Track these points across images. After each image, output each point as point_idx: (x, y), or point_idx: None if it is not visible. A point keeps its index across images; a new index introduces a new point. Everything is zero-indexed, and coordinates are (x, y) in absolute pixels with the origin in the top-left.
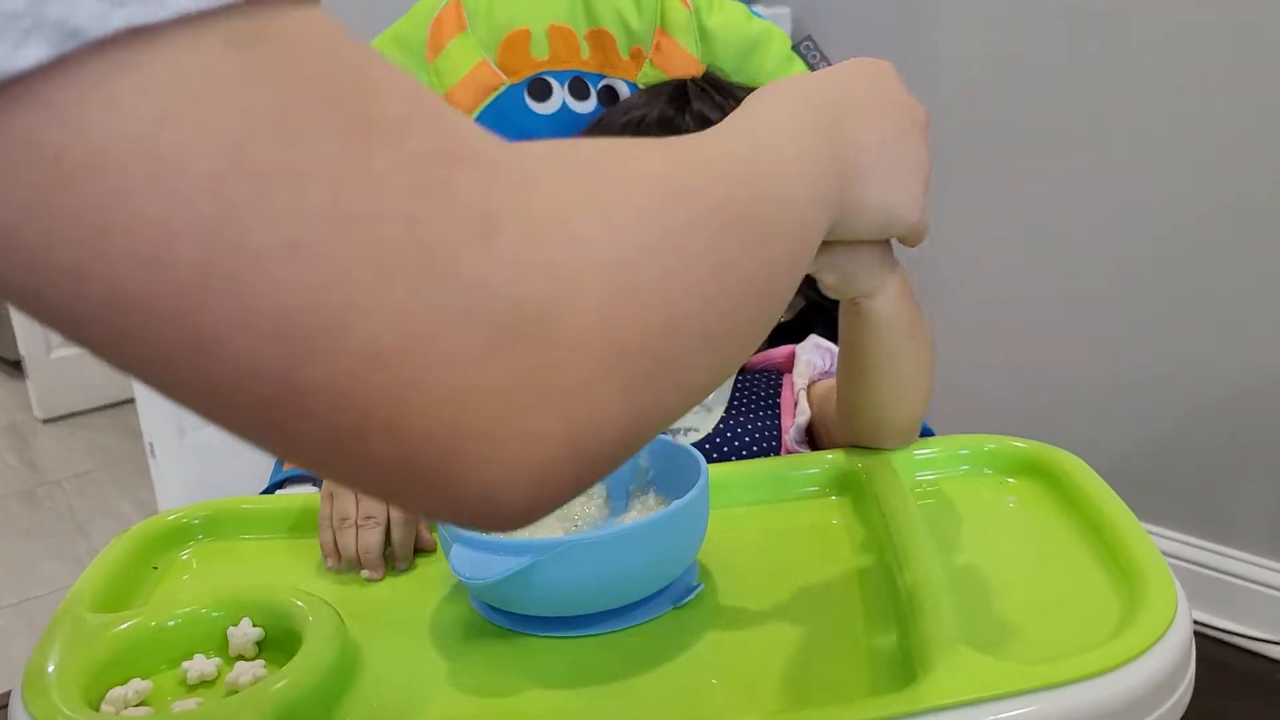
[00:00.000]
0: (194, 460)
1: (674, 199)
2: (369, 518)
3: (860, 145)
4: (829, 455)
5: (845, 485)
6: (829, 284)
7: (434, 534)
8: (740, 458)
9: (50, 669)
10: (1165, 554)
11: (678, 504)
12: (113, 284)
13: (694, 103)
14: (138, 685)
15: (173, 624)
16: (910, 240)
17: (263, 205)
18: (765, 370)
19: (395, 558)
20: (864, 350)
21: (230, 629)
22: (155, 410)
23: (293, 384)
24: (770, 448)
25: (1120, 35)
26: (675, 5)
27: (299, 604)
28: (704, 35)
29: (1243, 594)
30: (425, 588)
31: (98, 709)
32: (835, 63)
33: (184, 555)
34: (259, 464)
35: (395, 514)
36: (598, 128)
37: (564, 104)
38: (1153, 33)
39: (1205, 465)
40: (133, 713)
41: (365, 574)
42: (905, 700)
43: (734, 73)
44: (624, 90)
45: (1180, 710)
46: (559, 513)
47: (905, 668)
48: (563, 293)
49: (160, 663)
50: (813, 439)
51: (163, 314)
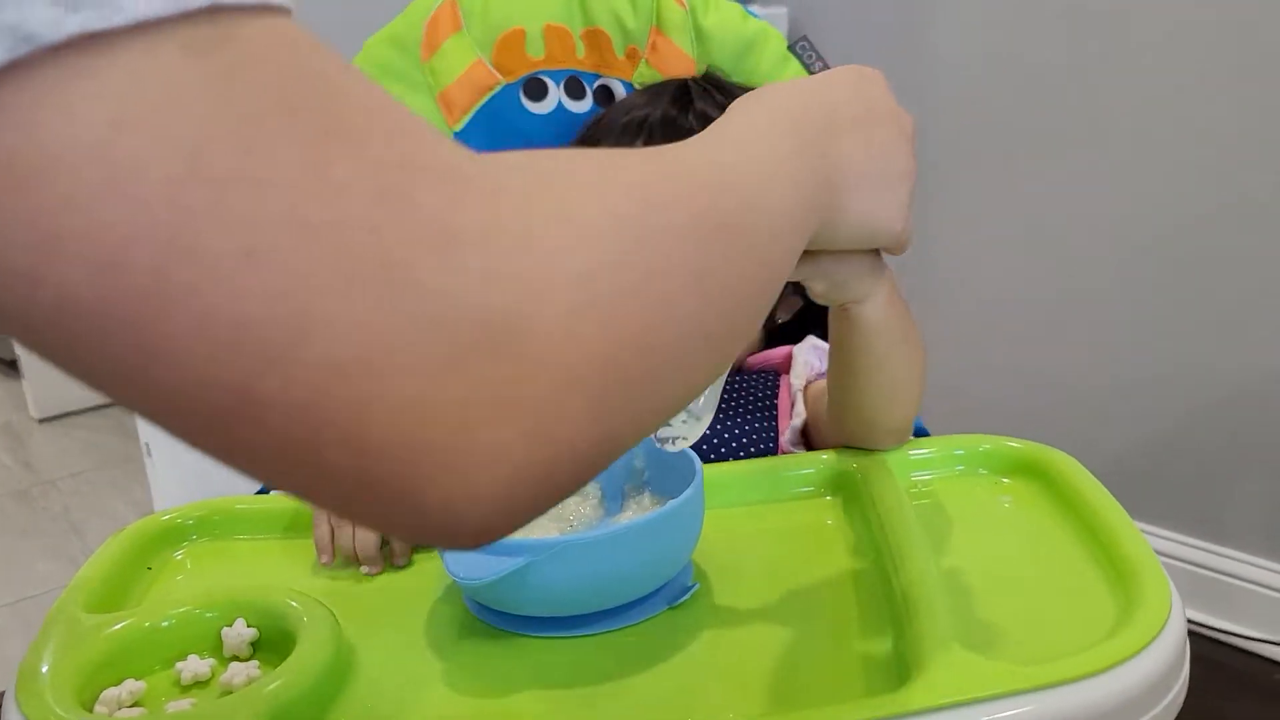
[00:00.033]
0: (190, 460)
1: (648, 209)
2: None
3: (844, 156)
4: (824, 455)
5: (840, 485)
6: (818, 291)
7: None
8: (736, 460)
9: (44, 669)
10: (1162, 554)
11: (673, 504)
12: (66, 289)
13: (697, 102)
14: (132, 686)
15: (167, 624)
16: (894, 249)
17: (219, 212)
18: (763, 371)
19: (394, 554)
20: (854, 355)
21: (225, 629)
22: None
23: (248, 394)
24: (767, 449)
25: (1120, 35)
26: (671, 5)
27: (293, 604)
28: (700, 35)
29: (1239, 594)
30: (420, 588)
31: (91, 710)
32: (831, 62)
33: (178, 555)
34: None
35: None
36: (597, 127)
37: (560, 104)
38: (1153, 33)
39: (1202, 465)
40: (126, 713)
41: (364, 569)
42: (899, 701)
43: (730, 73)
44: (620, 90)
45: (1175, 710)
46: (554, 513)
47: (900, 668)
48: (528, 305)
49: (154, 663)
50: (808, 440)
51: (116, 320)
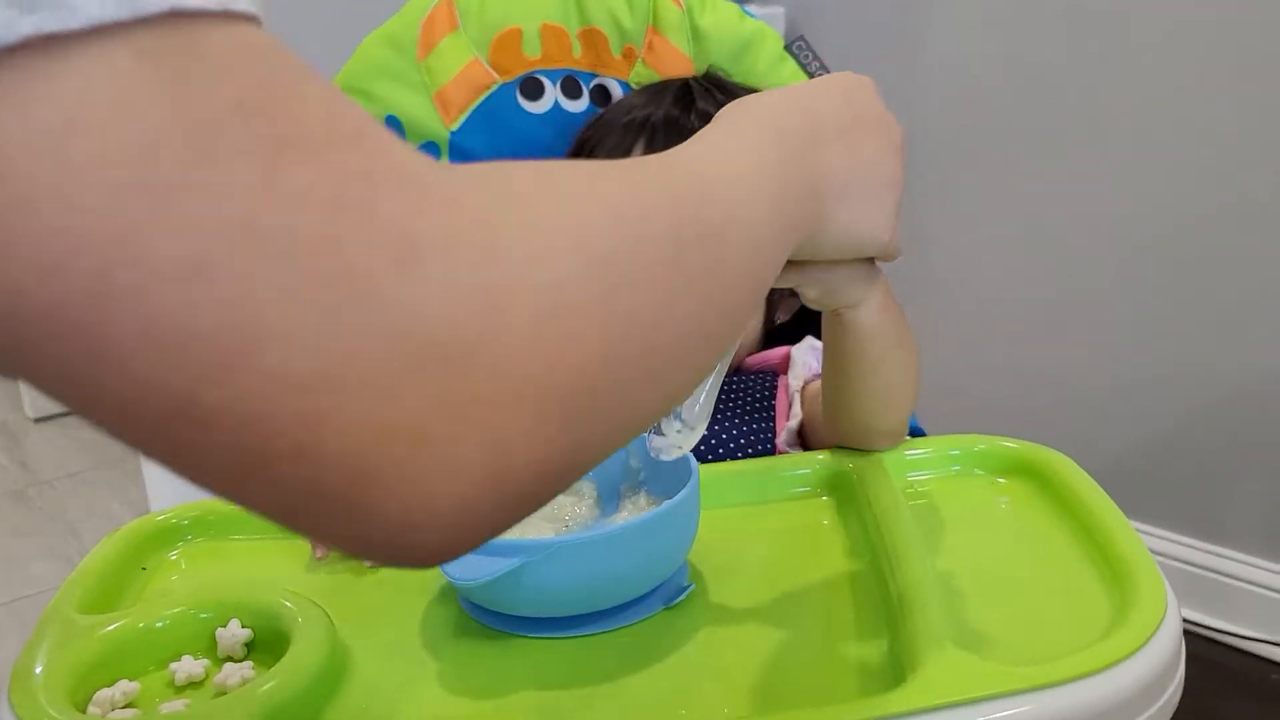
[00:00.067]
0: None
1: (620, 222)
2: None
3: (831, 166)
4: (820, 456)
5: (836, 486)
6: (811, 297)
7: None
8: (733, 460)
9: (38, 670)
10: (1160, 553)
11: (668, 504)
12: (16, 291)
13: (699, 102)
14: (125, 687)
15: (161, 625)
16: (884, 257)
17: (169, 219)
18: (760, 372)
19: None
20: (848, 359)
21: (219, 630)
22: None
23: (196, 403)
24: (764, 450)
25: (1120, 35)
26: (668, 4)
27: (288, 605)
28: (696, 35)
29: (1237, 594)
30: (414, 589)
31: (84, 711)
32: (829, 62)
33: (173, 556)
34: None
35: None
36: (597, 126)
37: (556, 103)
38: (1153, 33)
39: (1200, 465)
40: (120, 714)
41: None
42: (895, 701)
43: (727, 73)
44: (616, 89)
45: (1170, 710)
46: (549, 513)
47: (895, 668)
48: (489, 319)
49: (148, 664)
50: (804, 440)
51: (65, 324)
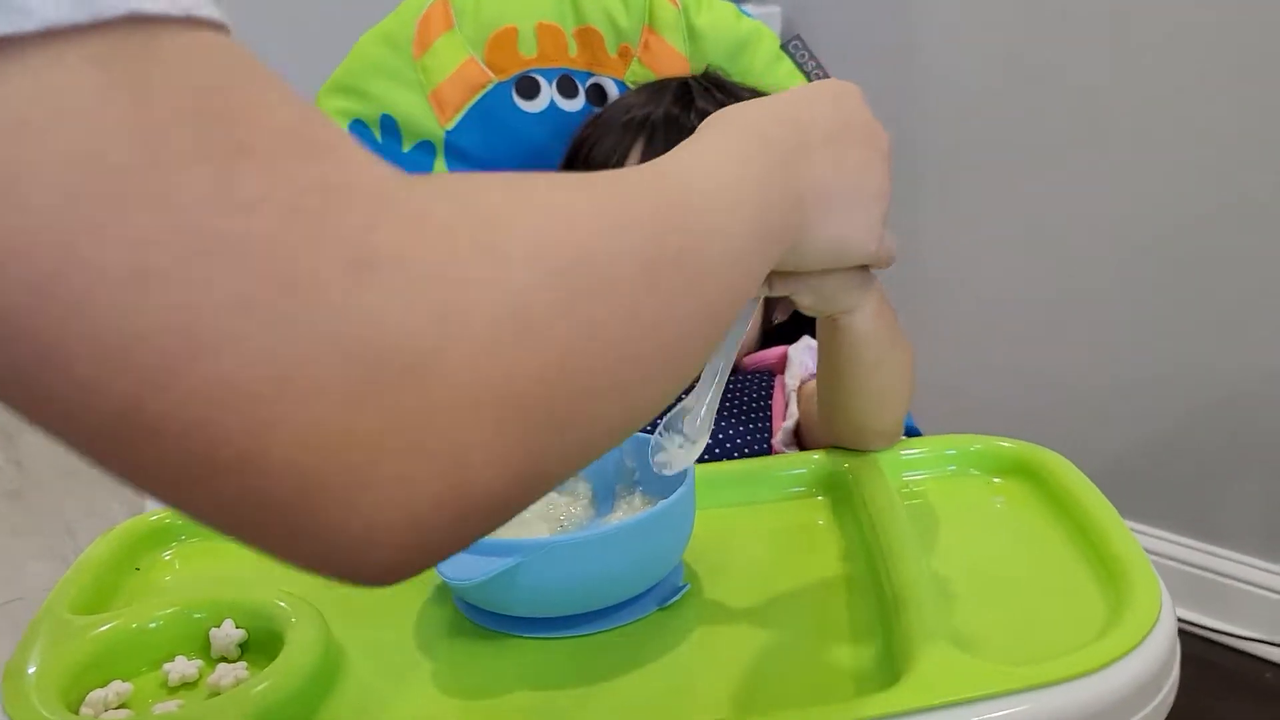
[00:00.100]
0: None
1: (587, 236)
2: None
3: (815, 178)
4: (815, 455)
5: (832, 485)
6: (806, 305)
7: None
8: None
9: (30, 670)
10: (1156, 553)
11: (664, 504)
12: None
13: (698, 101)
14: (118, 687)
15: (154, 625)
16: (875, 265)
17: (116, 226)
18: (757, 372)
19: None
20: (842, 363)
21: (212, 630)
22: None
23: (141, 411)
24: (761, 451)
25: (1120, 35)
26: (663, 4)
27: (282, 605)
28: (692, 34)
29: (1233, 594)
30: (409, 588)
31: (77, 711)
32: (825, 61)
33: (166, 556)
34: None
35: None
36: (595, 125)
37: (552, 102)
38: (1152, 33)
39: (1197, 465)
40: (113, 715)
41: None
42: (890, 701)
43: (725, 70)
44: (612, 89)
45: (1165, 710)
46: (544, 513)
47: (890, 668)
48: (444, 334)
49: (141, 664)
50: (800, 440)
51: (8, 325)
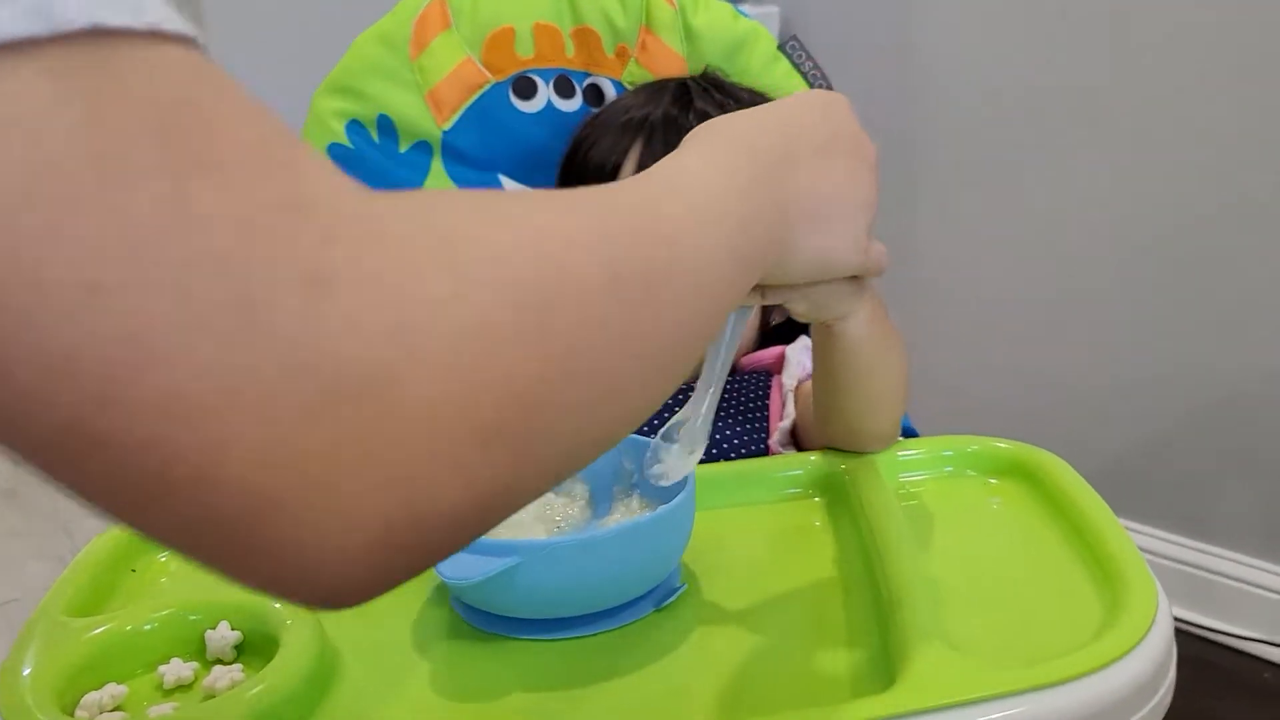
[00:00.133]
0: None
1: (552, 258)
2: None
3: (799, 192)
4: (812, 457)
5: (829, 487)
6: (799, 312)
7: None
8: (727, 461)
9: (25, 672)
10: (1153, 552)
11: (665, 509)
12: None
13: (697, 102)
14: (113, 690)
15: (149, 627)
16: (865, 274)
17: (66, 237)
18: (754, 372)
19: None
20: (837, 368)
21: (208, 632)
22: None
23: (88, 424)
24: (758, 451)
25: (1120, 35)
26: (661, 4)
27: (277, 607)
28: (689, 34)
29: (1230, 593)
30: (405, 589)
31: (72, 714)
32: (822, 62)
33: (162, 558)
34: None
35: None
36: (594, 126)
37: (549, 102)
38: (1152, 33)
39: (1194, 465)
40: (108, 718)
41: None
42: (886, 703)
43: (723, 71)
44: (609, 89)
45: (1162, 711)
46: (541, 514)
47: (886, 670)
48: (401, 353)
49: (136, 667)
50: (798, 440)
51: None
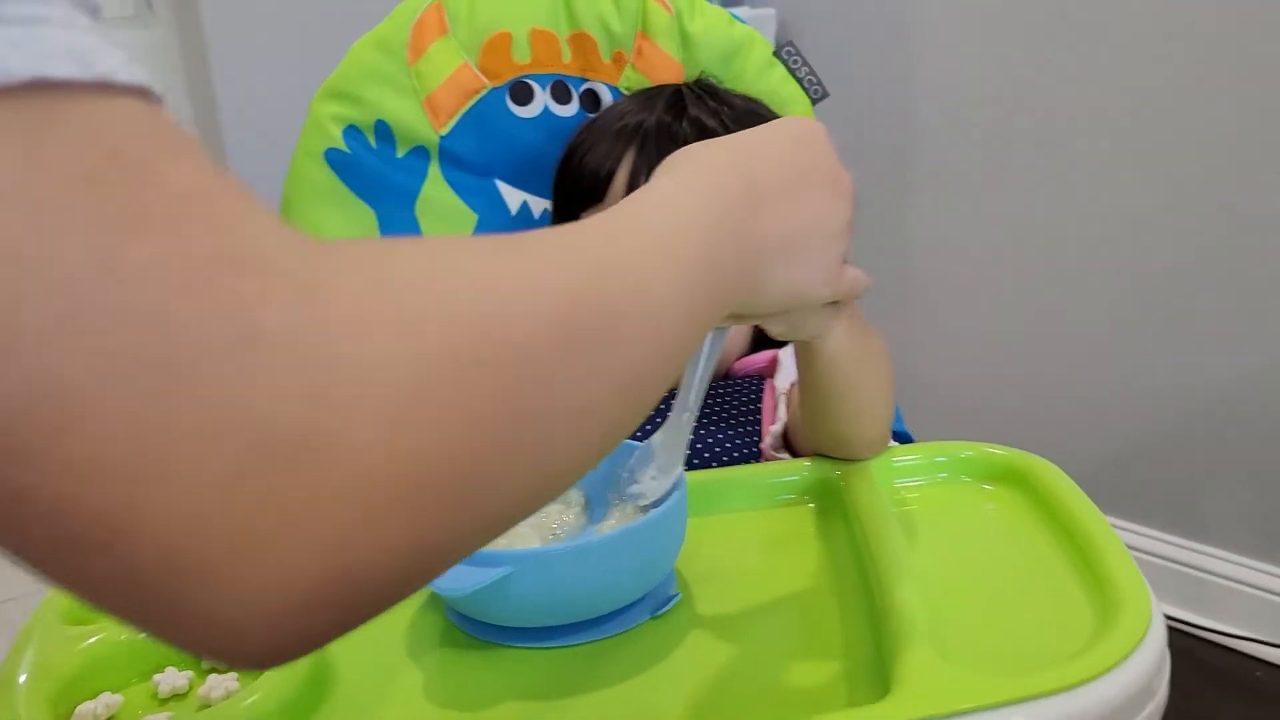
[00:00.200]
0: None
1: (496, 308)
2: None
3: (770, 226)
4: (807, 463)
5: (823, 493)
6: (775, 332)
7: None
8: (720, 466)
9: (20, 680)
10: (1146, 551)
11: (655, 514)
12: None
13: (691, 109)
14: (108, 699)
15: (144, 636)
16: (841, 299)
17: None
18: (747, 376)
19: None
20: (820, 381)
21: None
22: None
23: (6, 481)
24: (750, 455)
25: (1117, 36)
26: (657, 9)
27: None
28: (686, 40)
29: (1222, 592)
30: None
31: None
32: (818, 67)
33: None
34: None
35: None
36: (589, 132)
37: (546, 108)
38: (1150, 34)
39: (1185, 465)
40: None
41: None
42: (880, 714)
43: (717, 78)
44: (606, 94)
45: (1156, 718)
46: (536, 521)
47: (881, 679)
48: (331, 418)
49: (131, 675)
50: (790, 443)
51: None
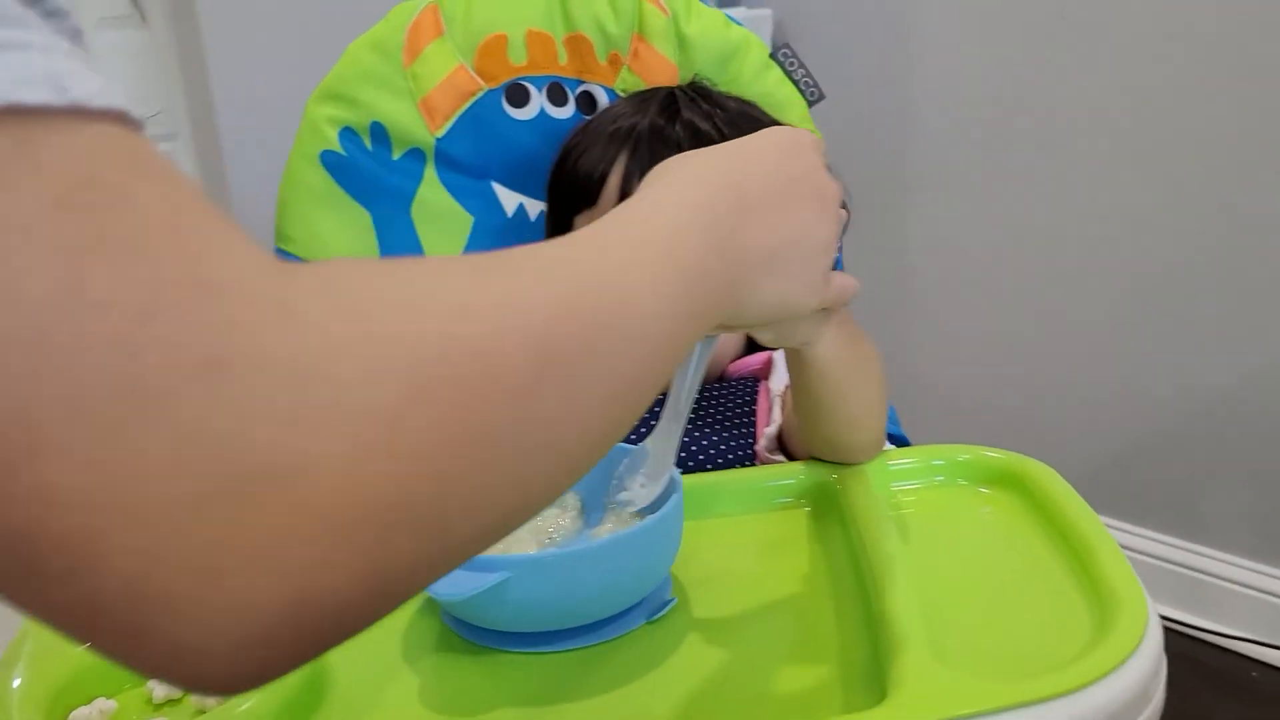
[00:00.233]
0: None
1: (472, 332)
2: None
3: (755, 239)
4: (802, 467)
5: (819, 497)
6: (765, 340)
7: None
8: (715, 468)
9: (14, 685)
10: (1143, 552)
11: (653, 519)
12: None
13: (684, 112)
14: (102, 704)
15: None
16: (829, 307)
17: None
18: (742, 378)
19: None
20: (811, 387)
21: None
22: None
23: None
24: (745, 458)
25: (1116, 37)
26: (653, 11)
27: None
28: (682, 42)
29: (1219, 593)
30: None
31: None
32: (815, 68)
33: None
34: None
35: None
36: (584, 134)
37: (542, 110)
38: (1150, 35)
39: (1183, 466)
40: None
41: None
42: (876, 718)
43: (712, 80)
44: (602, 96)
45: None
46: (533, 526)
47: (878, 684)
48: (297, 446)
49: (125, 681)
50: (784, 445)
51: None
